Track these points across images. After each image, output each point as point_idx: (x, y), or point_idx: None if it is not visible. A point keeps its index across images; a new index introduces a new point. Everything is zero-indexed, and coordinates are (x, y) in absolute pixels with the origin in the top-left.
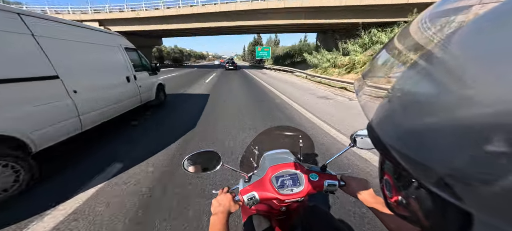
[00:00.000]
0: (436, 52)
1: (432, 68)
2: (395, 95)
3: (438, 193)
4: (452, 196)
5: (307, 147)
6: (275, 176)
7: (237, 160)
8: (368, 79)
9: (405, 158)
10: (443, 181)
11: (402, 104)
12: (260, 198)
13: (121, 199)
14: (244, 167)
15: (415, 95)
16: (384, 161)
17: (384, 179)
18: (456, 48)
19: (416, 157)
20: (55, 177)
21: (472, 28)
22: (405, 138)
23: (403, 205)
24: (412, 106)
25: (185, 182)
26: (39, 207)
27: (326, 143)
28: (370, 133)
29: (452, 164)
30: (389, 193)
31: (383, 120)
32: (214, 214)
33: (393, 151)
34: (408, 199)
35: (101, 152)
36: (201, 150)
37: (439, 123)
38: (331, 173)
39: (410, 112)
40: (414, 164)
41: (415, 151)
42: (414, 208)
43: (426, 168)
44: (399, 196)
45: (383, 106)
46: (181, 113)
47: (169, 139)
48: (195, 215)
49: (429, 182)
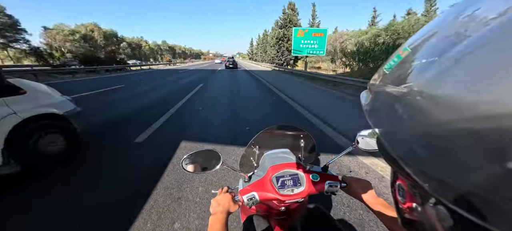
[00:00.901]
0: (452, 58)
1: (449, 76)
2: (406, 104)
3: (458, 210)
4: (474, 215)
5: (309, 147)
6: (276, 176)
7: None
8: (375, 88)
9: (418, 172)
10: (464, 198)
11: (414, 113)
12: (260, 199)
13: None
14: (244, 166)
15: (430, 103)
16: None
17: (397, 184)
18: (477, 53)
19: (431, 172)
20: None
21: (497, 32)
22: (418, 151)
23: (418, 213)
24: (426, 115)
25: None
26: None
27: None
28: (379, 145)
29: (475, 180)
30: (402, 198)
31: (393, 132)
32: (213, 214)
33: (404, 165)
34: (425, 209)
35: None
36: (201, 149)
37: (458, 133)
38: (333, 174)
39: (423, 121)
40: (429, 179)
41: (430, 165)
42: (431, 219)
43: (444, 184)
44: (413, 203)
45: (393, 116)
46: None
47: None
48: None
49: (447, 198)
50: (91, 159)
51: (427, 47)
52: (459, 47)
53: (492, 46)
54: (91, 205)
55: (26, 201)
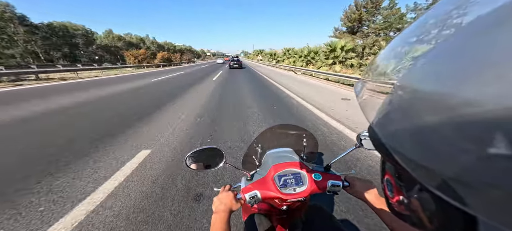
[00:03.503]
0: (439, 49)
1: (434, 66)
2: (396, 95)
3: (441, 196)
4: (456, 200)
5: (311, 146)
6: (278, 175)
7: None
8: (368, 80)
9: (406, 160)
10: (446, 184)
11: (403, 104)
12: (262, 197)
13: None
14: (247, 165)
15: (417, 95)
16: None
17: (386, 179)
18: (459, 44)
19: (418, 159)
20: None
21: (477, 26)
22: (406, 139)
23: (405, 206)
24: (413, 106)
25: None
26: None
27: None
28: (371, 134)
29: (456, 166)
30: (390, 193)
31: (384, 121)
32: (216, 213)
33: (394, 153)
34: (410, 200)
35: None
36: (204, 146)
37: (441, 123)
38: (335, 173)
39: (411, 112)
40: (415, 166)
41: (417, 152)
42: (417, 209)
43: (429, 171)
44: (400, 196)
45: (384, 107)
46: None
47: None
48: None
49: (432, 184)
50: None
51: (414, 41)
52: (441, 43)
53: (477, 37)
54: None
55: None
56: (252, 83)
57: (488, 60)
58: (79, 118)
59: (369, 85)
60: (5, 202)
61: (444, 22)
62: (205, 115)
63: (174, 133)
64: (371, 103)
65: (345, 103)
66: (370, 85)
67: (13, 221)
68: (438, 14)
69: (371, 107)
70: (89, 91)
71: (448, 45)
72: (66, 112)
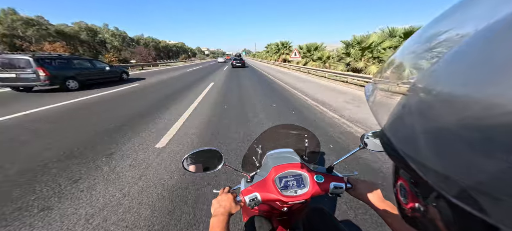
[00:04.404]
0: (463, 49)
1: (457, 67)
2: (412, 98)
3: (462, 206)
4: (477, 210)
5: (313, 146)
6: (279, 176)
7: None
8: (380, 84)
9: (422, 167)
10: (468, 194)
11: (419, 107)
12: (262, 199)
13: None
14: (247, 166)
15: (436, 97)
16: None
17: (399, 184)
18: (485, 43)
19: (435, 166)
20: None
21: (499, 27)
22: (423, 145)
23: (420, 213)
24: (431, 109)
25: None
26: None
27: None
28: (383, 140)
29: (478, 175)
30: (404, 199)
31: (398, 126)
32: (214, 216)
33: (409, 160)
34: (427, 207)
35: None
36: (203, 148)
37: (463, 128)
38: (338, 175)
39: (429, 115)
40: (433, 174)
41: (434, 159)
42: (434, 217)
43: (447, 179)
44: (416, 203)
45: (398, 111)
46: None
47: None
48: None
49: (451, 193)
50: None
51: (432, 42)
52: (464, 43)
53: (498, 41)
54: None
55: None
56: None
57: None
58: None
59: (381, 86)
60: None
61: (469, 19)
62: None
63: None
64: (383, 107)
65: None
66: (382, 87)
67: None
68: (461, 10)
69: (383, 111)
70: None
71: (473, 44)
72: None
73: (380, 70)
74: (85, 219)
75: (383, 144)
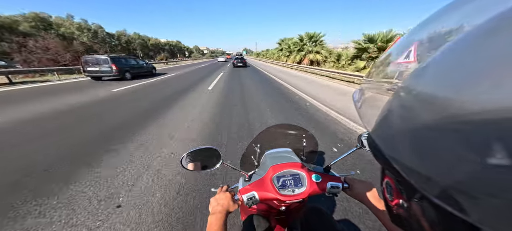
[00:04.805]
0: (443, 52)
1: (437, 69)
2: (397, 99)
3: (442, 205)
4: (457, 209)
5: (311, 146)
6: (276, 175)
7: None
8: (367, 89)
9: (405, 168)
10: (447, 193)
11: (402, 113)
12: (260, 198)
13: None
14: (245, 165)
15: (415, 99)
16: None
17: (385, 182)
18: (463, 48)
19: (417, 168)
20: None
21: (476, 33)
22: (405, 145)
23: (404, 209)
24: (412, 115)
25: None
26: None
27: None
28: (370, 144)
29: (456, 176)
30: (389, 195)
31: (383, 130)
32: (212, 214)
33: (394, 162)
34: (410, 204)
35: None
36: (201, 146)
37: (441, 132)
38: (335, 175)
39: (410, 122)
40: (416, 176)
41: (415, 160)
42: (417, 213)
43: (429, 180)
44: (400, 199)
45: (383, 116)
46: None
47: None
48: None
49: (432, 193)
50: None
51: (419, 44)
52: (443, 46)
53: (476, 44)
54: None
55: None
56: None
57: (492, 65)
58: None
59: (367, 92)
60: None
61: (451, 25)
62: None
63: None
64: (370, 111)
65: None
66: (368, 92)
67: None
68: (444, 17)
69: (370, 116)
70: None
71: (453, 48)
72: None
73: (367, 74)
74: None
75: (369, 146)
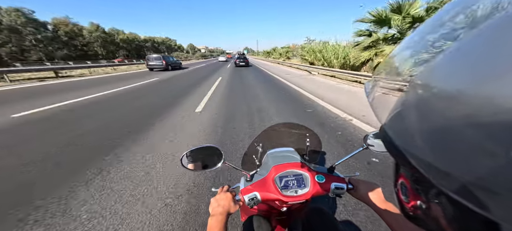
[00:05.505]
0: (463, 45)
1: (457, 63)
2: (412, 93)
3: (462, 201)
4: (477, 205)
5: (314, 146)
6: (279, 176)
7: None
8: (380, 80)
9: (423, 164)
10: (468, 189)
11: (420, 103)
12: (262, 199)
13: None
14: (246, 165)
15: (436, 93)
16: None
17: (400, 183)
18: (486, 40)
19: (435, 163)
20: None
21: (502, 24)
22: (423, 141)
23: (422, 210)
24: (431, 104)
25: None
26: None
27: None
28: (383, 137)
29: (479, 171)
30: (405, 197)
31: (398, 123)
32: (212, 216)
33: (409, 157)
34: (429, 204)
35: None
36: (202, 145)
37: (463, 123)
38: (339, 175)
39: (429, 111)
40: (433, 171)
41: (434, 155)
42: (435, 214)
43: (448, 175)
44: (417, 201)
45: (398, 108)
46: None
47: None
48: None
49: (452, 190)
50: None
51: (433, 38)
52: (464, 39)
53: (501, 36)
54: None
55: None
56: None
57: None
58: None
59: (381, 83)
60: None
61: (469, 15)
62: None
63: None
64: (383, 103)
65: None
66: (382, 83)
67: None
68: (463, 6)
69: (383, 108)
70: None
71: (474, 40)
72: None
73: (380, 66)
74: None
75: (384, 141)
